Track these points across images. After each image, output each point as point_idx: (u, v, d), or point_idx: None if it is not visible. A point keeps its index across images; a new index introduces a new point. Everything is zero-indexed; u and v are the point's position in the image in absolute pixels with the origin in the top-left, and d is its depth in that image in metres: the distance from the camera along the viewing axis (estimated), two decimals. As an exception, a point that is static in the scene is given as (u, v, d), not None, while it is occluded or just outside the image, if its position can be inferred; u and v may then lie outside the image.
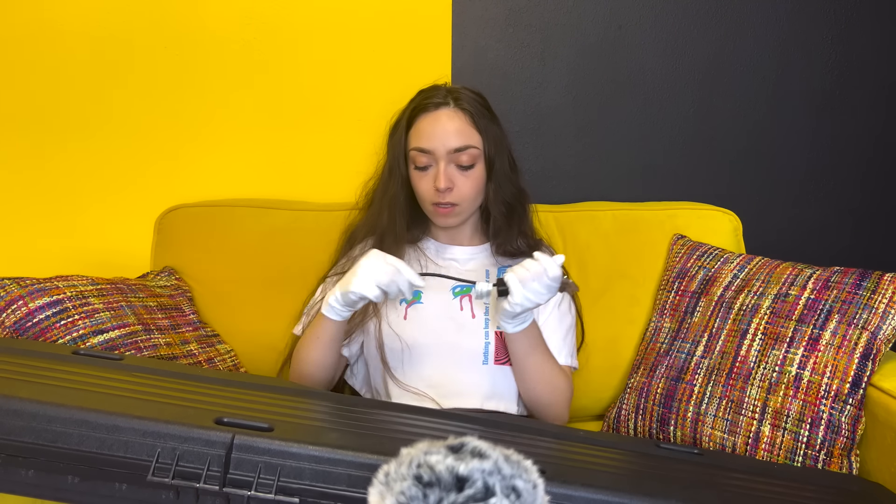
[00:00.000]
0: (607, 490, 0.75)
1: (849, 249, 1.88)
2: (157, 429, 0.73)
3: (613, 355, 1.51)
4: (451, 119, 1.30)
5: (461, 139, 1.29)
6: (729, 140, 1.80)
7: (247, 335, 1.51)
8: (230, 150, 1.70)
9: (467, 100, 1.32)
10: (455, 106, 1.31)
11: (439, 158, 1.29)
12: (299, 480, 0.71)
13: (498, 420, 1.01)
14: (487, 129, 1.32)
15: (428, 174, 1.31)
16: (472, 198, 1.33)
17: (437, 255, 1.40)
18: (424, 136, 1.30)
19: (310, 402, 0.93)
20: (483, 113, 1.33)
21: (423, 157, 1.30)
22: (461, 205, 1.31)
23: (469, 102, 1.32)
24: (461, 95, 1.32)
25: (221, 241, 1.54)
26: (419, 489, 0.47)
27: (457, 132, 1.29)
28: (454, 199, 1.30)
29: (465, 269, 1.38)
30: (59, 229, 1.68)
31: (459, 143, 1.29)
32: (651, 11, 1.72)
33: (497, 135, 1.34)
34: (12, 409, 0.74)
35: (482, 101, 1.35)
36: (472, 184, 1.31)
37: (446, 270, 1.36)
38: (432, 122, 1.30)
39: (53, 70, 1.63)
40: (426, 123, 1.31)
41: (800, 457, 1.17)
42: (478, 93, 1.37)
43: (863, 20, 1.78)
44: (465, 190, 1.30)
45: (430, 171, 1.30)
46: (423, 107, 1.32)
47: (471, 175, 1.31)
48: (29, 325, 1.16)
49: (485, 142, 1.31)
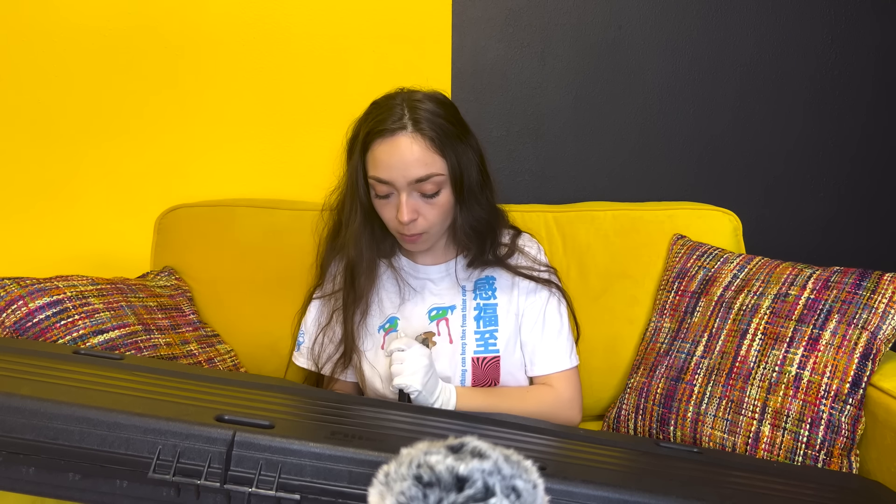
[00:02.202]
0: (608, 486, 0.75)
1: (848, 249, 1.88)
2: (158, 426, 0.73)
3: (613, 355, 1.51)
4: (409, 147, 1.16)
5: (422, 168, 1.16)
6: (729, 140, 1.80)
7: (247, 335, 1.51)
8: (230, 150, 1.70)
9: (428, 120, 1.17)
10: (414, 129, 1.16)
11: (400, 189, 1.17)
12: (300, 477, 0.72)
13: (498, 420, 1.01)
14: (453, 150, 1.19)
15: (390, 202, 1.20)
16: (440, 224, 1.24)
17: (412, 275, 1.35)
18: (382, 165, 1.17)
19: (310, 400, 0.93)
20: (447, 132, 1.19)
21: (383, 186, 1.19)
22: (429, 232, 1.23)
23: (430, 124, 1.17)
24: (421, 115, 1.17)
25: (221, 241, 1.54)
26: (419, 489, 0.47)
27: (417, 162, 1.16)
28: (420, 228, 1.21)
29: (439, 287, 1.34)
30: (59, 229, 1.68)
31: (421, 172, 1.16)
32: (651, 11, 1.73)
33: (464, 153, 1.22)
34: (13, 406, 0.74)
35: (447, 115, 1.21)
36: (438, 211, 1.21)
37: (421, 290, 1.34)
38: (389, 150, 1.16)
39: (53, 70, 1.63)
40: (383, 152, 1.17)
41: (800, 457, 1.17)
42: (444, 101, 1.24)
43: (863, 20, 1.78)
44: (431, 218, 1.21)
45: (392, 199, 1.20)
46: (378, 132, 1.18)
47: (436, 203, 1.20)
48: (29, 325, 1.16)
49: (449, 166, 1.19)
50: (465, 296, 1.33)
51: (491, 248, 1.32)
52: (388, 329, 1.32)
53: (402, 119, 1.17)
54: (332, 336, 1.33)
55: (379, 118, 1.19)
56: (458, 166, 1.20)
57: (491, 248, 1.32)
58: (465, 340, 1.30)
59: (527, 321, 1.33)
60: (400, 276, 1.34)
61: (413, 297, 1.33)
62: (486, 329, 1.31)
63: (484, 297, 1.33)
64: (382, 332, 1.32)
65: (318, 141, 1.70)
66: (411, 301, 1.33)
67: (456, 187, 1.22)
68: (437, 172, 1.18)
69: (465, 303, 1.32)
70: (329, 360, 1.32)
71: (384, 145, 1.17)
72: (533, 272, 1.34)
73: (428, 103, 1.20)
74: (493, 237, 1.32)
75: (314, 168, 1.71)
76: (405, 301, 1.33)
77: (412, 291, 1.33)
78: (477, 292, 1.34)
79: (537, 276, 1.33)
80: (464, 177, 1.22)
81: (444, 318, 1.31)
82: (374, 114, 1.21)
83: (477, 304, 1.33)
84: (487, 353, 1.30)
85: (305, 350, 1.36)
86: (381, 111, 1.20)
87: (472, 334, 1.30)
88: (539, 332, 1.33)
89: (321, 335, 1.33)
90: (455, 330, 1.30)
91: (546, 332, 1.33)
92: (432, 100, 1.22)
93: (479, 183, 1.26)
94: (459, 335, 1.30)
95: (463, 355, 1.29)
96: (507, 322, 1.32)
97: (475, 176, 1.25)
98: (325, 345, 1.33)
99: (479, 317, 1.32)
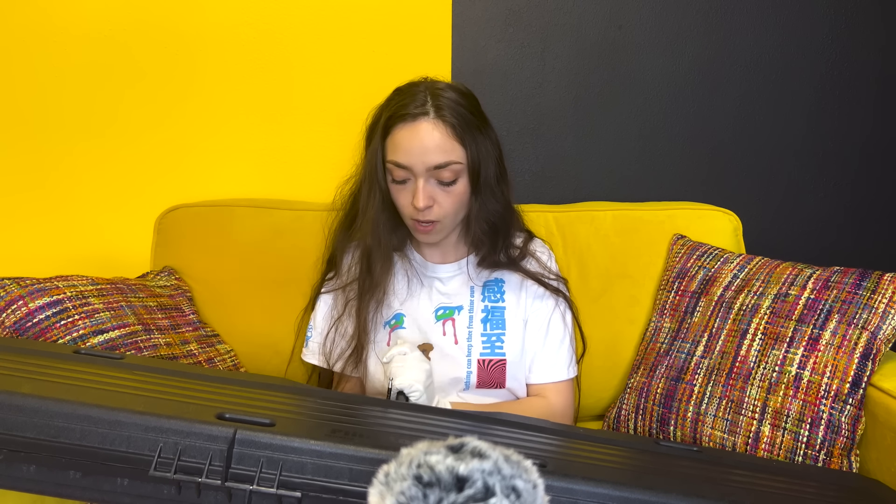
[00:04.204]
0: (608, 484, 0.75)
1: (849, 249, 1.88)
2: (159, 424, 0.73)
3: (613, 355, 1.51)
4: (430, 133, 1.17)
5: (442, 155, 1.17)
6: (729, 140, 1.80)
7: (247, 335, 1.51)
8: (230, 150, 1.70)
9: (450, 108, 1.18)
10: (436, 116, 1.17)
11: (418, 175, 1.18)
12: (301, 475, 0.71)
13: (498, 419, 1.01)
14: (473, 139, 1.20)
15: (406, 188, 1.21)
16: (454, 214, 1.24)
17: (421, 271, 1.35)
18: (401, 150, 1.18)
19: (311, 398, 0.93)
20: (469, 121, 1.20)
21: (401, 171, 1.19)
22: (442, 221, 1.23)
23: (452, 112, 1.18)
24: (443, 102, 1.18)
25: (221, 241, 1.54)
26: (419, 489, 0.47)
27: (437, 148, 1.17)
28: (435, 216, 1.21)
29: (447, 287, 1.34)
30: (59, 229, 1.68)
31: (440, 159, 1.17)
32: (651, 11, 1.73)
33: (483, 144, 1.23)
34: (14, 404, 0.74)
35: (468, 106, 1.22)
36: (454, 200, 1.22)
37: (429, 288, 1.33)
38: (410, 135, 1.17)
39: (53, 70, 1.63)
40: (403, 136, 1.18)
41: (800, 457, 1.17)
42: (466, 92, 1.25)
43: (863, 20, 1.78)
44: (446, 207, 1.22)
45: (409, 185, 1.20)
46: (400, 116, 1.18)
47: (452, 191, 1.21)
48: (29, 325, 1.16)
49: (469, 155, 1.20)
50: (473, 297, 1.33)
51: (503, 246, 1.31)
52: (393, 325, 1.31)
53: (425, 105, 1.18)
54: (343, 331, 1.31)
55: (401, 103, 1.20)
56: (477, 157, 1.21)
57: (503, 246, 1.31)
58: (472, 342, 1.30)
59: (530, 327, 1.33)
60: (411, 268, 1.33)
61: (420, 294, 1.33)
62: (493, 332, 1.31)
63: (492, 300, 1.33)
64: (388, 328, 1.31)
65: (318, 141, 1.70)
66: (418, 298, 1.33)
67: (473, 178, 1.22)
68: (456, 160, 1.19)
69: (473, 304, 1.32)
70: (342, 356, 1.31)
71: (405, 130, 1.18)
72: (543, 278, 1.33)
73: (451, 92, 1.21)
74: (505, 235, 1.32)
75: (314, 168, 1.71)
76: (412, 297, 1.32)
77: (419, 287, 1.33)
78: (485, 294, 1.33)
79: (547, 282, 1.33)
80: (481, 168, 1.22)
81: (450, 318, 1.31)
82: (396, 99, 1.22)
83: (485, 306, 1.32)
84: (494, 356, 1.29)
85: (315, 346, 1.36)
86: (404, 97, 1.21)
87: (479, 336, 1.30)
88: (541, 340, 1.33)
89: (332, 330, 1.32)
90: (461, 331, 1.30)
91: (548, 341, 1.33)
92: (455, 90, 1.23)
93: (496, 176, 1.26)
94: (465, 336, 1.30)
95: (469, 357, 1.29)
96: (514, 326, 1.32)
97: (493, 169, 1.25)
98: (337, 341, 1.32)
99: (487, 319, 1.31)
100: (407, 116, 1.18)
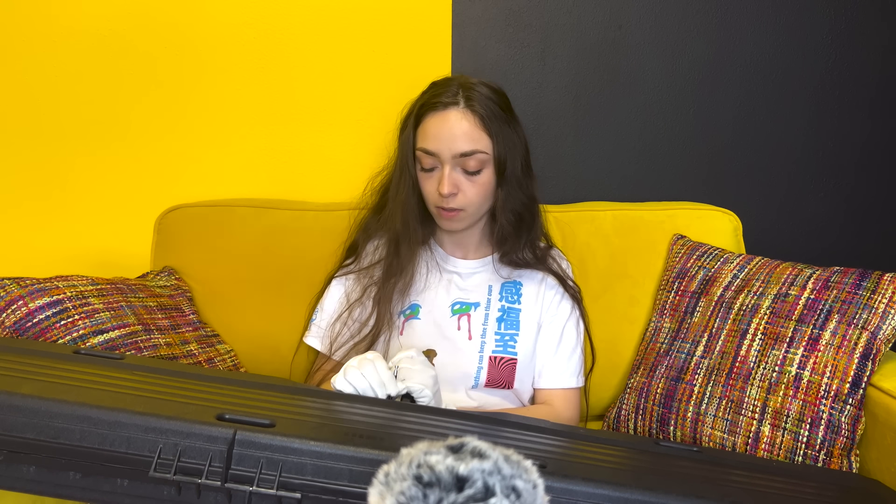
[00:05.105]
0: (608, 484, 0.75)
1: (849, 249, 1.88)
2: (159, 425, 0.73)
3: (613, 355, 1.51)
4: (459, 121, 1.22)
5: (468, 143, 1.22)
6: (729, 140, 1.80)
7: (247, 335, 1.51)
8: (230, 150, 1.70)
9: (480, 99, 1.23)
10: (465, 106, 1.22)
11: (444, 162, 1.22)
12: (301, 476, 0.71)
13: (498, 419, 1.01)
14: (500, 132, 1.24)
15: (433, 176, 1.25)
16: (479, 204, 1.27)
17: (442, 265, 1.37)
18: (430, 137, 1.23)
19: (310, 399, 0.93)
20: (497, 115, 1.24)
21: (429, 158, 1.24)
22: (466, 210, 1.26)
23: (482, 103, 1.23)
24: (474, 94, 1.24)
25: (221, 241, 1.54)
26: (419, 489, 0.47)
27: (464, 136, 1.21)
28: (459, 204, 1.24)
29: (466, 283, 1.35)
30: (59, 229, 1.68)
31: (466, 147, 1.22)
32: (651, 11, 1.73)
33: (511, 138, 1.26)
34: (14, 405, 0.74)
35: (498, 100, 1.26)
36: (479, 190, 1.25)
37: (448, 282, 1.35)
38: (439, 123, 1.23)
39: (53, 70, 1.63)
40: (433, 124, 1.23)
41: (800, 457, 1.17)
42: (498, 89, 1.29)
43: (863, 20, 1.78)
44: (470, 195, 1.25)
45: (436, 173, 1.25)
46: (431, 105, 1.24)
47: (477, 181, 1.24)
48: (29, 325, 1.16)
49: (495, 146, 1.24)
50: (491, 295, 1.34)
51: (527, 242, 1.34)
52: (408, 315, 1.32)
53: (457, 96, 1.23)
54: (357, 316, 1.32)
55: (434, 94, 1.26)
56: (504, 150, 1.25)
57: (527, 242, 1.34)
58: (485, 339, 1.30)
59: (544, 333, 1.34)
60: (432, 260, 1.35)
61: (438, 286, 1.34)
62: (507, 332, 1.32)
63: (510, 301, 1.34)
64: (403, 317, 1.32)
65: (318, 141, 1.70)
66: (435, 290, 1.34)
67: (499, 170, 1.26)
68: (482, 150, 1.23)
69: (490, 302, 1.33)
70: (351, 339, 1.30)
71: (435, 118, 1.23)
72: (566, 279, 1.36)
73: (483, 87, 1.26)
74: (530, 229, 1.34)
75: (314, 168, 1.71)
76: (429, 288, 1.33)
77: (438, 280, 1.34)
78: (503, 294, 1.34)
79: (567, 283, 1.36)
80: (507, 161, 1.26)
81: (466, 313, 1.32)
82: (430, 91, 1.28)
83: (501, 306, 1.33)
84: (506, 354, 1.30)
85: (317, 329, 1.36)
86: (438, 88, 1.27)
87: (493, 334, 1.31)
88: (553, 347, 1.34)
89: (346, 314, 1.32)
90: (476, 327, 1.31)
91: (560, 348, 1.34)
92: (487, 86, 1.27)
93: (521, 171, 1.30)
94: (479, 333, 1.31)
95: (481, 353, 1.29)
96: (528, 329, 1.33)
97: (519, 164, 1.28)
98: (348, 325, 1.32)
99: (502, 318, 1.32)
100: (438, 105, 1.23)
